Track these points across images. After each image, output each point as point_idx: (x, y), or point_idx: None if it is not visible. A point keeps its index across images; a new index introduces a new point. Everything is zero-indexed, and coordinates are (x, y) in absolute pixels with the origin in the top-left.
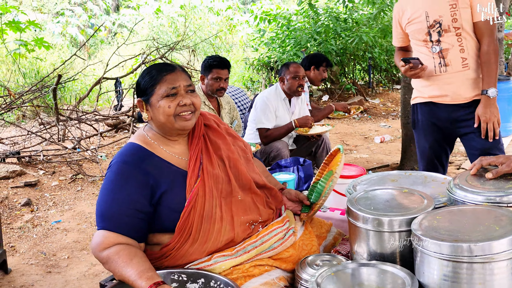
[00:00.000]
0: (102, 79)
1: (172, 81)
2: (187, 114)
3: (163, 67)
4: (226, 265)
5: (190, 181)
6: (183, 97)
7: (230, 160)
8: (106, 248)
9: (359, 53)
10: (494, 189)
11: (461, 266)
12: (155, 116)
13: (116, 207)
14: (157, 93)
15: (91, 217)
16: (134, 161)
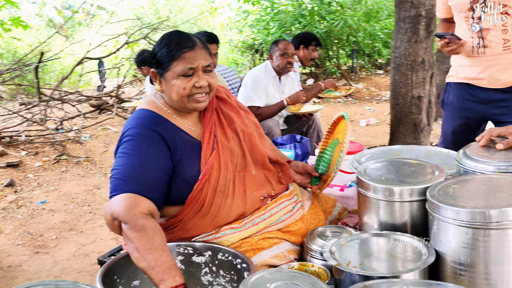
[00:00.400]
0: (85, 59)
1: (191, 60)
2: (201, 96)
3: (183, 41)
4: (234, 237)
5: (205, 153)
6: (200, 78)
7: (245, 134)
8: (142, 213)
9: (343, 37)
10: (505, 159)
11: (481, 232)
12: (168, 92)
13: (146, 169)
14: (173, 70)
15: (78, 198)
16: (153, 125)
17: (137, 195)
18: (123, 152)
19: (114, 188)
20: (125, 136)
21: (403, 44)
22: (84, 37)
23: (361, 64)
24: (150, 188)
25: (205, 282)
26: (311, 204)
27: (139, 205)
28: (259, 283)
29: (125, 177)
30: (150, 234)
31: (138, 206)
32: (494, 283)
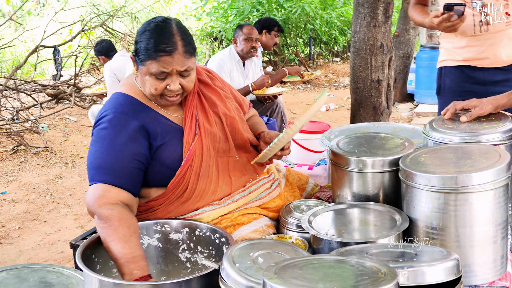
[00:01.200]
0: (39, 47)
1: (165, 65)
2: (172, 97)
3: (163, 43)
4: (214, 214)
5: (187, 138)
6: (173, 81)
7: (227, 118)
8: (108, 204)
9: (301, 24)
10: (469, 130)
11: (452, 197)
12: (141, 83)
13: (117, 159)
14: (147, 67)
15: (39, 188)
16: (130, 111)
17: (106, 185)
18: (96, 141)
19: (89, 178)
20: (100, 122)
21: (362, 29)
22: (35, 26)
23: (319, 52)
24: (122, 177)
25: (183, 259)
26: (286, 181)
27: (106, 196)
28: (242, 253)
29: (96, 167)
30: (114, 225)
31: (104, 197)
32: (463, 244)
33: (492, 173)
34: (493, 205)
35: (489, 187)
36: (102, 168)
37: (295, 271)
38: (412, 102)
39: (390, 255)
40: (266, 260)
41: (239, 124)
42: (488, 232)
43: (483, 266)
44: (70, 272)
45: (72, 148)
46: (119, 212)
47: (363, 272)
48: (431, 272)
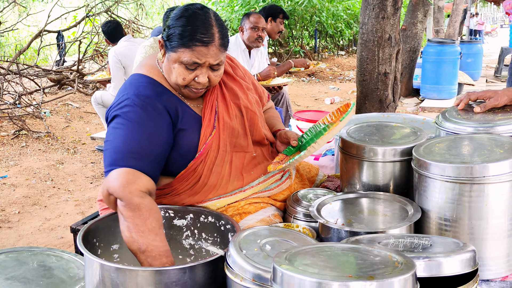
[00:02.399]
0: (43, 32)
1: (200, 56)
2: (197, 90)
3: (201, 32)
4: (220, 203)
5: (205, 131)
6: (202, 73)
7: (248, 112)
8: (139, 191)
9: (307, 16)
10: (483, 121)
11: (467, 187)
12: (167, 69)
13: (145, 144)
14: (179, 55)
15: (40, 173)
16: (154, 93)
17: (136, 171)
18: (120, 123)
19: (111, 162)
20: (124, 105)
21: (370, 20)
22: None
23: (324, 44)
24: (150, 163)
25: (186, 245)
26: (296, 173)
27: (137, 182)
28: (249, 240)
29: (123, 151)
30: (144, 215)
31: (135, 183)
32: (477, 237)
33: (509, 163)
34: (509, 197)
35: (506, 178)
36: (131, 153)
37: (307, 258)
38: (417, 97)
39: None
40: (274, 248)
41: (258, 119)
42: (503, 225)
43: (496, 260)
44: (70, 257)
45: (74, 134)
46: (149, 202)
47: (378, 261)
48: (447, 263)
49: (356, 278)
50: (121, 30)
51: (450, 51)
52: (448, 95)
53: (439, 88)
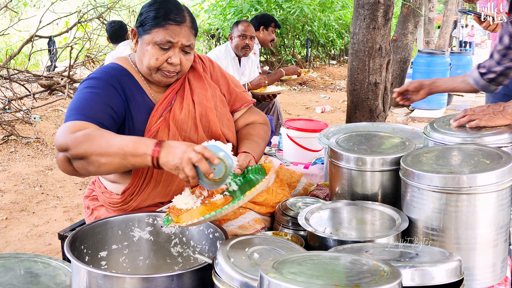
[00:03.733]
0: (34, 37)
1: (173, 35)
2: (169, 73)
3: (172, 13)
4: None
5: (151, 119)
6: (175, 54)
7: (202, 107)
8: (81, 128)
9: (299, 25)
10: (472, 132)
11: (453, 197)
12: (140, 55)
13: (93, 103)
14: (152, 36)
15: (29, 179)
16: (115, 74)
17: (78, 121)
18: (79, 90)
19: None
20: (83, 81)
21: (361, 31)
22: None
23: (316, 54)
24: (95, 116)
25: (174, 253)
26: (276, 177)
27: (77, 125)
28: (237, 247)
29: (71, 107)
30: (98, 134)
31: (75, 126)
32: (463, 247)
33: (495, 174)
34: (495, 208)
35: (492, 188)
36: (77, 109)
37: (294, 266)
38: (407, 107)
39: (390, 255)
40: (262, 256)
41: (214, 116)
42: (489, 235)
43: (483, 270)
44: (57, 263)
45: None
46: (93, 127)
47: (364, 269)
48: (433, 272)
49: (343, 286)
50: (123, 32)
51: (440, 62)
52: (438, 105)
53: (428, 99)
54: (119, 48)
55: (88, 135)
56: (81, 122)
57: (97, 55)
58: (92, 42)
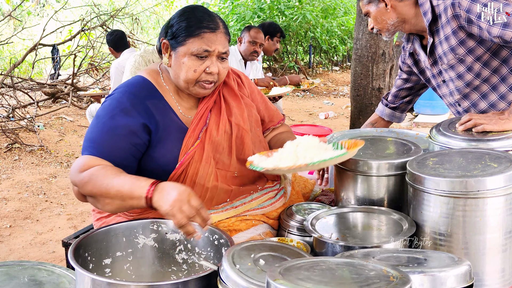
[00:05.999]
0: (38, 45)
1: (209, 43)
2: (208, 83)
3: (205, 20)
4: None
5: (187, 141)
6: (212, 63)
7: (239, 129)
8: (90, 167)
9: (301, 32)
10: (478, 136)
11: (461, 202)
12: (176, 68)
13: (110, 135)
14: (188, 47)
15: (33, 186)
16: (141, 94)
17: (92, 156)
18: (98, 113)
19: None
20: (106, 99)
21: (364, 36)
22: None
23: (318, 60)
24: (111, 153)
25: (179, 260)
26: (292, 189)
27: (87, 163)
28: (243, 254)
29: (88, 138)
30: (100, 174)
31: (85, 165)
32: (472, 252)
33: (504, 178)
34: (504, 212)
35: (501, 192)
36: (92, 141)
37: (301, 272)
38: (411, 112)
39: (398, 260)
40: (267, 262)
41: (249, 138)
42: (498, 240)
43: (491, 275)
44: (61, 271)
45: (68, 148)
46: (100, 166)
47: (373, 275)
48: (443, 278)
49: None
50: (125, 40)
51: None
52: (442, 110)
53: (432, 104)
54: (124, 55)
55: (92, 174)
56: (93, 158)
57: (101, 63)
58: (96, 50)
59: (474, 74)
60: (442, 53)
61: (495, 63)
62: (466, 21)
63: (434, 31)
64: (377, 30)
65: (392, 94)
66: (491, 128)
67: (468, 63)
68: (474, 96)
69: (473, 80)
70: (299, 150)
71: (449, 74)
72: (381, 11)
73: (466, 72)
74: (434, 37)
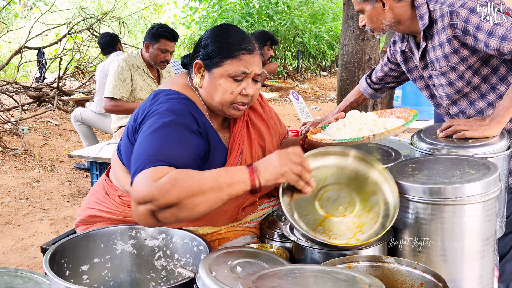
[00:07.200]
0: (23, 48)
1: (247, 65)
2: (241, 105)
3: (243, 42)
4: (203, 230)
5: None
6: (249, 85)
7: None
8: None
9: (289, 37)
10: (458, 142)
11: (440, 208)
12: (210, 89)
13: (178, 147)
14: (225, 68)
15: (15, 191)
16: (189, 108)
17: (159, 167)
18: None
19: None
20: (155, 114)
21: (350, 42)
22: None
23: (307, 65)
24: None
25: (158, 266)
26: None
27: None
28: (219, 261)
29: (153, 152)
30: (184, 175)
31: (158, 172)
32: (450, 258)
33: (481, 185)
34: (481, 219)
35: (478, 199)
36: (160, 155)
37: (274, 281)
38: None
39: None
40: (244, 269)
41: None
42: (476, 247)
43: (470, 282)
44: (39, 278)
45: (52, 152)
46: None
47: (346, 283)
48: None
49: None
50: (114, 43)
51: None
52: (428, 116)
53: (419, 109)
54: (110, 58)
55: (174, 179)
56: (162, 168)
57: (87, 66)
58: (82, 53)
59: (465, 81)
60: (435, 58)
61: (485, 71)
62: (462, 31)
63: (428, 36)
64: (369, 28)
65: (377, 77)
66: (471, 135)
67: (460, 71)
68: (463, 103)
69: (463, 87)
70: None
71: (440, 80)
72: (377, 11)
73: (458, 79)
74: (427, 41)
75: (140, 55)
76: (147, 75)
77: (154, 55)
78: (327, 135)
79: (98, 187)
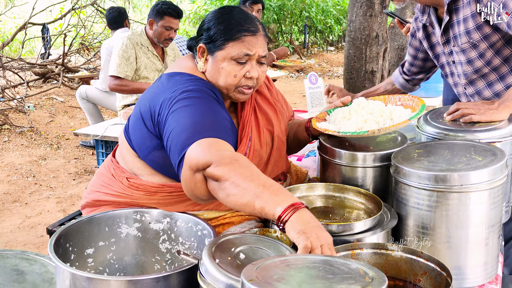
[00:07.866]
0: (28, 24)
1: (250, 46)
2: (247, 88)
3: (245, 23)
4: (209, 214)
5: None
6: (252, 67)
7: (279, 142)
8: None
9: (296, 12)
10: (466, 126)
11: (445, 195)
12: (214, 73)
13: (217, 120)
14: (227, 51)
15: (22, 169)
16: (208, 86)
17: (214, 138)
18: (184, 106)
19: (185, 143)
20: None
21: (358, 18)
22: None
23: (313, 40)
24: (226, 134)
25: (163, 250)
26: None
27: (220, 144)
28: (223, 247)
29: (194, 126)
30: (245, 163)
31: (218, 144)
32: (454, 245)
33: (488, 172)
34: (487, 206)
35: (485, 187)
36: (202, 125)
37: (277, 271)
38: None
39: None
40: (247, 256)
41: (285, 149)
42: (481, 234)
43: (474, 268)
44: (44, 260)
45: (58, 129)
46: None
47: (349, 275)
48: None
49: None
50: (121, 19)
51: None
52: (435, 93)
53: (426, 86)
54: (116, 35)
55: (236, 160)
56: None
57: (92, 42)
58: (87, 29)
59: (485, 61)
60: (458, 33)
61: (507, 52)
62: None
63: (452, 9)
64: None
65: (406, 67)
66: (478, 119)
67: (481, 49)
68: (480, 84)
69: (482, 67)
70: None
71: (459, 58)
72: None
73: (477, 58)
74: (451, 15)
75: (144, 33)
76: (151, 53)
77: (158, 33)
78: (331, 124)
79: (104, 170)
